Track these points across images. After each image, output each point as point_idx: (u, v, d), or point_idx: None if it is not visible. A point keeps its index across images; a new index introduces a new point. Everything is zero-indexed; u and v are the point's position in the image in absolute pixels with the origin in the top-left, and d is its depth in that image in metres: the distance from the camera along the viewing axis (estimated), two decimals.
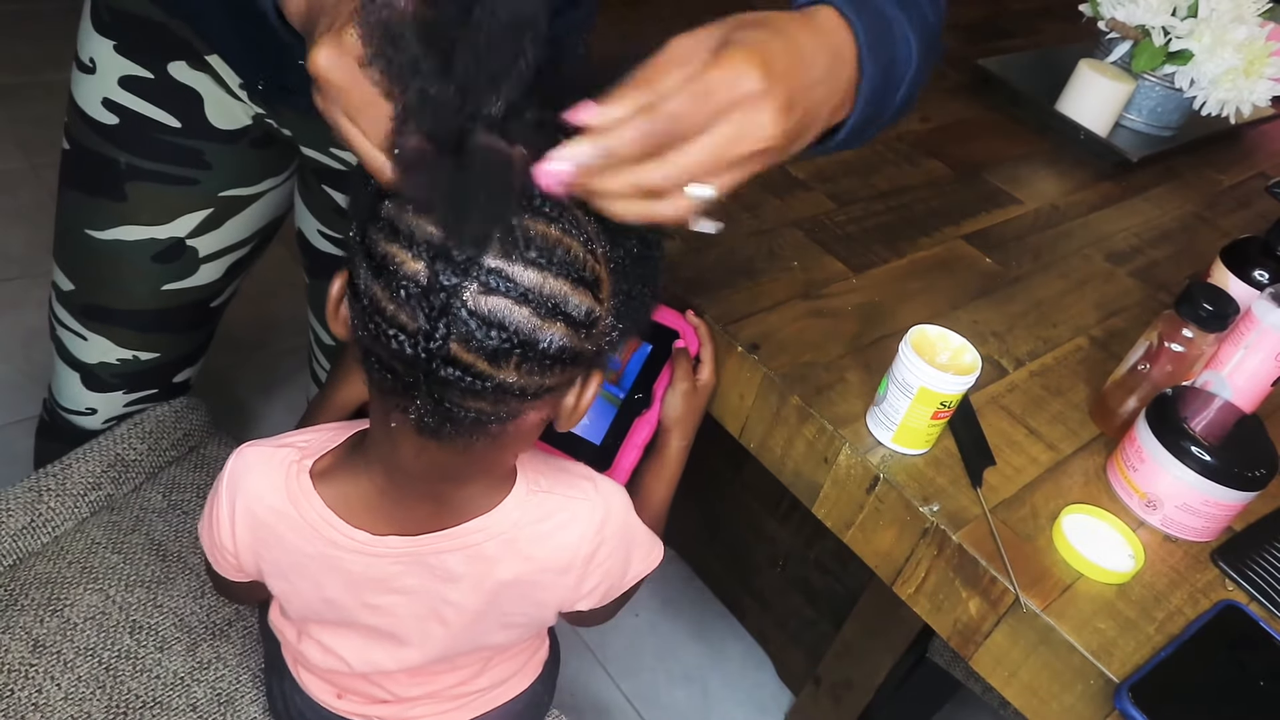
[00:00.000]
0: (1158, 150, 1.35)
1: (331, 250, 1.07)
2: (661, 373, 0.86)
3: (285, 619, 0.81)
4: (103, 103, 0.91)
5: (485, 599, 0.72)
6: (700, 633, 1.64)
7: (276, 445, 0.72)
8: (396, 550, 0.69)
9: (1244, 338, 0.80)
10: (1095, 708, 0.69)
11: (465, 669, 0.82)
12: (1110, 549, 0.74)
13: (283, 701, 0.87)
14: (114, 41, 0.89)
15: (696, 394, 0.85)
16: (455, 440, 0.58)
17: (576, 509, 0.71)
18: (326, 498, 0.69)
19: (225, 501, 0.72)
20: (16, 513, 0.97)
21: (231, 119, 0.93)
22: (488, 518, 0.69)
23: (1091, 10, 1.36)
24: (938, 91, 1.38)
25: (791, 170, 1.10)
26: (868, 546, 0.80)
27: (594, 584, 0.74)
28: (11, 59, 2.40)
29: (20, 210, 2.00)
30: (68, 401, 1.08)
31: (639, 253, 0.59)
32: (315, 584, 0.72)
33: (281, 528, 0.70)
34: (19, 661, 0.87)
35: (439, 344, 0.53)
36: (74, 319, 1.03)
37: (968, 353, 0.77)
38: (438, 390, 0.55)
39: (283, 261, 1.14)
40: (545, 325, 0.53)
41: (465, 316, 0.52)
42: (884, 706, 1.38)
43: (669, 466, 0.85)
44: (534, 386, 0.56)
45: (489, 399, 0.55)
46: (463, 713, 0.85)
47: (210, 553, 0.76)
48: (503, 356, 0.53)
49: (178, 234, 0.97)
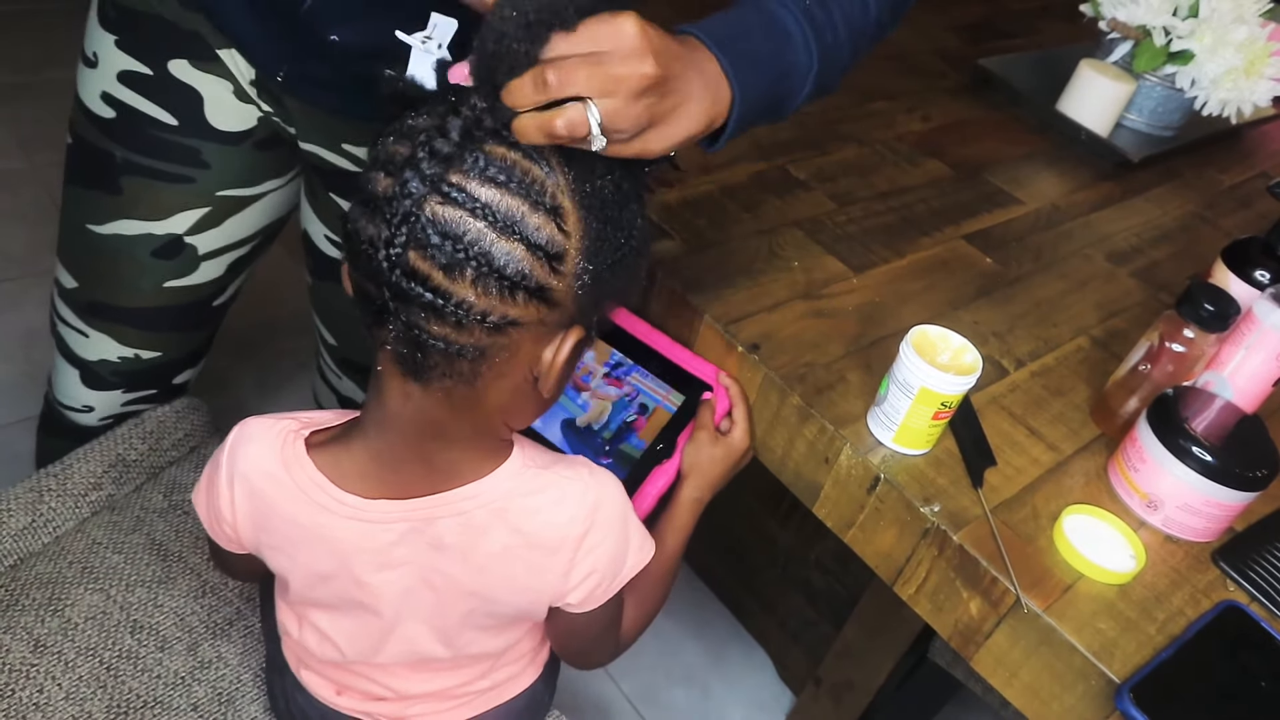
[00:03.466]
0: (1159, 150, 1.35)
1: (336, 255, 1.07)
2: (688, 425, 0.86)
3: (288, 609, 0.81)
4: (101, 96, 0.92)
5: (472, 572, 0.72)
6: (700, 633, 1.64)
7: (278, 418, 0.74)
8: (388, 514, 0.69)
9: (1245, 338, 0.80)
10: (1096, 708, 0.69)
11: (469, 669, 0.82)
12: (1111, 549, 0.74)
13: (284, 700, 0.87)
14: (116, 36, 0.90)
15: (716, 445, 0.84)
16: (430, 378, 0.62)
17: (569, 488, 0.71)
18: (319, 464, 0.70)
19: (224, 469, 0.73)
20: (17, 513, 0.97)
21: (236, 120, 0.93)
22: (479, 484, 0.69)
23: (1092, 10, 1.36)
24: (938, 91, 1.38)
25: (791, 170, 1.10)
26: (868, 547, 0.80)
27: (584, 573, 0.73)
28: (12, 59, 2.40)
29: (20, 210, 2.00)
30: (65, 398, 1.08)
31: (612, 194, 0.62)
32: (309, 556, 0.73)
33: (276, 494, 0.71)
34: (20, 661, 0.87)
35: (399, 251, 0.57)
36: (76, 316, 1.03)
37: (968, 353, 0.77)
38: (403, 308, 0.59)
39: (283, 261, 1.14)
40: (500, 241, 0.57)
41: (423, 224, 0.57)
42: (885, 707, 1.38)
43: (678, 515, 0.84)
44: (496, 313, 0.59)
45: (450, 321, 0.58)
46: (463, 711, 0.84)
47: (207, 523, 0.77)
48: (458, 268, 0.57)
49: (175, 230, 0.97)
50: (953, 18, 1.65)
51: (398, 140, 0.59)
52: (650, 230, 0.68)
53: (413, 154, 0.58)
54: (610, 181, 0.62)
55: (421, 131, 0.59)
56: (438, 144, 0.58)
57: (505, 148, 0.58)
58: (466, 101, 0.60)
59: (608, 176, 0.62)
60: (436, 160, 0.57)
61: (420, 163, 0.57)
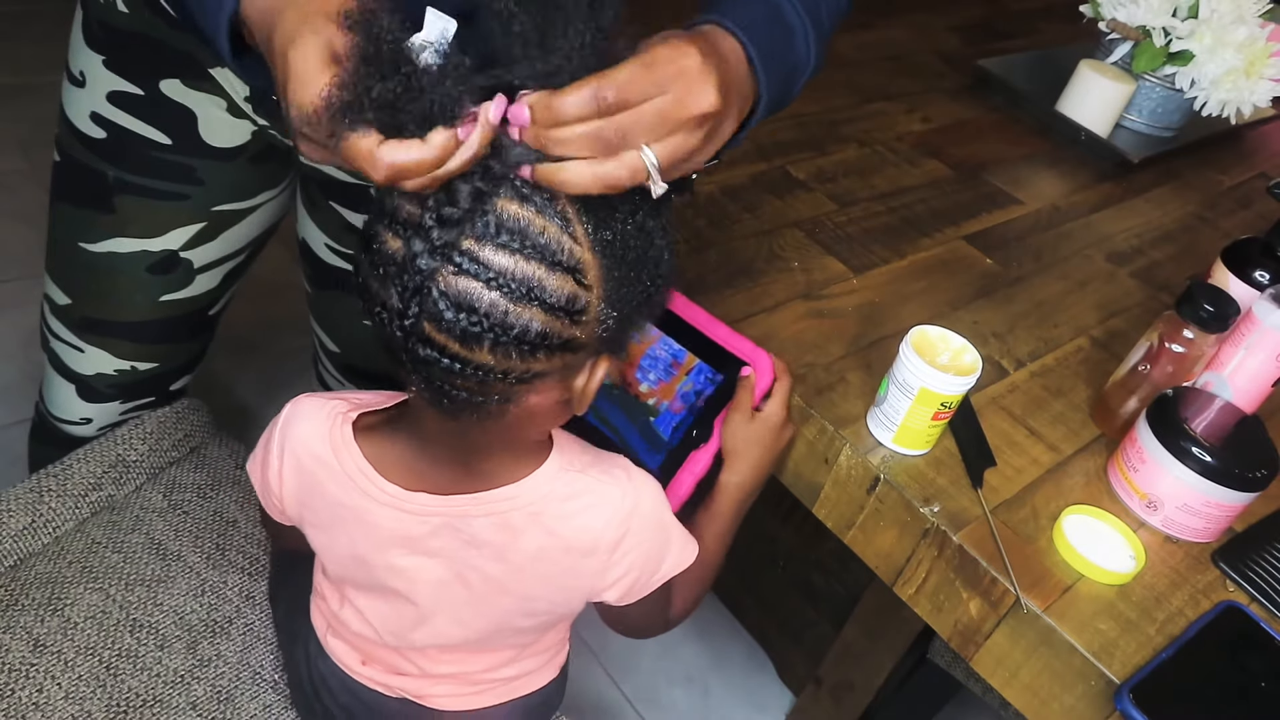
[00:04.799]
0: (1158, 151, 1.35)
1: (339, 264, 1.05)
2: (726, 408, 0.82)
3: (328, 581, 0.82)
4: (91, 117, 0.90)
5: (509, 571, 0.72)
6: (700, 633, 1.64)
7: (329, 397, 0.75)
8: (426, 508, 0.70)
9: (1244, 338, 0.80)
10: (1096, 709, 0.69)
11: (498, 653, 0.82)
12: (1111, 550, 0.74)
13: (306, 666, 0.88)
14: (104, 56, 0.88)
15: (754, 425, 0.79)
16: (461, 414, 0.61)
17: (606, 492, 0.71)
18: (365, 451, 0.71)
19: (276, 444, 0.75)
20: (17, 513, 0.97)
21: (230, 136, 0.92)
22: (516, 487, 0.70)
23: (1092, 11, 1.36)
24: (938, 92, 1.38)
25: (792, 171, 1.10)
26: (868, 547, 0.80)
27: (620, 574, 0.73)
28: (12, 59, 2.40)
29: (20, 210, 2.00)
30: (61, 411, 1.07)
31: (635, 237, 0.59)
32: (349, 538, 0.74)
33: (322, 475, 0.72)
34: (20, 661, 0.87)
35: (412, 322, 0.55)
36: (70, 332, 1.02)
37: (968, 353, 0.77)
38: (421, 369, 0.57)
39: (283, 262, 1.14)
40: (518, 310, 0.55)
41: (436, 297, 0.54)
42: (885, 707, 1.38)
43: (718, 500, 0.81)
44: (516, 370, 0.57)
45: (471, 381, 0.57)
46: (481, 699, 0.85)
47: (260, 491, 0.79)
48: (474, 339, 0.55)
49: (170, 246, 0.96)
50: (953, 18, 1.65)
51: (404, 194, 0.55)
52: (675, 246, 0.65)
53: (420, 219, 0.54)
54: (633, 224, 0.59)
55: (430, 194, 0.54)
56: (445, 211, 0.54)
57: (517, 203, 0.54)
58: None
59: (630, 219, 0.58)
60: (446, 227, 0.54)
61: (430, 231, 0.54)
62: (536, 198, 0.55)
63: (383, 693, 0.84)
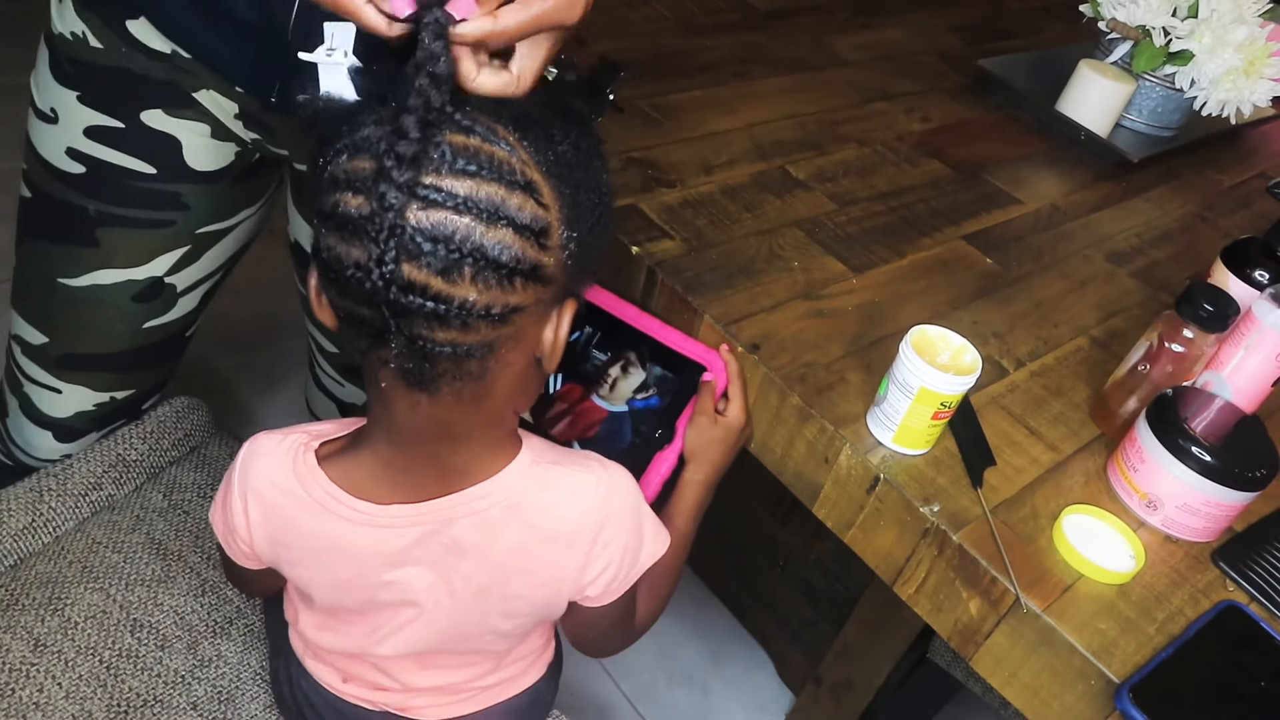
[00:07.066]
0: (1158, 150, 1.35)
1: None
2: (686, 408, 0.86)
3: (305, 608, 0.81)
4: (67, 152, 0.88)
5: (490, 571, 0.72)
6: (700, 633, 1.64)
7: (286, 432, 0.74)
8: (403, 519, 0.69)
9: (1244, 338, 0.80)
10: (1096, 708, 0.69)
11: (477, 666, 0.82)
12: (1111, 549, 0.74)
13: (288, 685, 0.88)
14: (77, 92, 0.86)
15: (715, 427, 0.83)
16: (440, 386, 0.61)
17: (582, 480, 0.72)
18: (332, 475, 0.70)
19: (237, 488, 0.74)
20: (17, 513, 0.97)
21: (213, 159, 0.91)
22: (491, 483, 0.70)
23: (1092, 11, 1.36)
24: (938, 91, 1.38)
25: (791, 171, 1.10)
26: (868, 547, 0.80)
27: (601, 566, 0.73)
28: (11, 59, 2.39)
29: None
30: (38, 452, 1.05)
31: (574, 156, 0.62)
32: (330, 567, 0.73)
33: (291, 508, 0.72)
34: (20, 661, 0.87)
35: (391, 267, 0.56)
36: (46, 372, 0.99)
37: (968, 353, 0.77)
38: (405, 324, 0.58)
39: (283, 261, 1.14)
40: (490, 231, 0.56)
41: (410, 233, 0.55)
42: (884, 707, 1.38)
43: (684, 499, 0.84)
44: (499, 304, 0.58)
45: (456, 324, 0.58)
46: (466, 706, 0.85)
47: (224, 539, 0.77)
48: (455, 269, 0.56)
49: (156, 273, 0.95)
50: (953, 18, 1.65)
51: (354, 156, 0.57)
52: (612, 179, 0.68)
53: (379, 165, 0.56)
54: (569, 144, 0.62)
55: (378, 140, 0.57)
56: (400, 148, 0.55)
57: (463, 135, 0.57)
58: (405, 92, 0.57)
59: (565, 140, 0.62)
60: (405, 165, 0.55)
61: (390, 172, 0.55)
62: (479, 128, 0.58)
63: (366, 708, 0.84)
